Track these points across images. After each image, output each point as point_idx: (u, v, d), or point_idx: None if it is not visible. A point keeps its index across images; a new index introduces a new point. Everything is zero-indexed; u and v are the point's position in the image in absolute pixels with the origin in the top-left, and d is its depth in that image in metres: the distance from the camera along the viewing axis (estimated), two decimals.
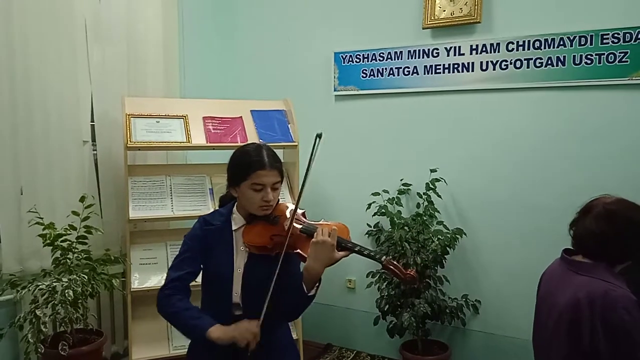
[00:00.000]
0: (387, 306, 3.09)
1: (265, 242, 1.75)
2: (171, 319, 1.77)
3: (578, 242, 1.75)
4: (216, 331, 1.64)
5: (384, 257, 1.65)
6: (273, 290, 1.67)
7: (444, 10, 3.13)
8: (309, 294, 1.66)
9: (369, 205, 3.25)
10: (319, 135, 1.72)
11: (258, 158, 1.74)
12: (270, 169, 1.73)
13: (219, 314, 1.75)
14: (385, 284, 3.13)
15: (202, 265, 1.80)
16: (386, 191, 3.26)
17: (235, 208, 1.83)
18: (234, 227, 1.80)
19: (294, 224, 1.74)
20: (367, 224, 3.33)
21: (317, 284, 1.68)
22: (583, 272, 1.70)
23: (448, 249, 3.04)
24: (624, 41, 2.70)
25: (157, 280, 2.89)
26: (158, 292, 1.77)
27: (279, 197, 1.82)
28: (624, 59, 2.71)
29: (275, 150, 1.82)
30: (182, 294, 1.75)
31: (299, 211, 1.81)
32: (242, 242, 1.78)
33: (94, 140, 3.12)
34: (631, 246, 1.68)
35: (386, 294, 3.10)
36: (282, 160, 1.87)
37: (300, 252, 1.72)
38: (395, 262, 1.64)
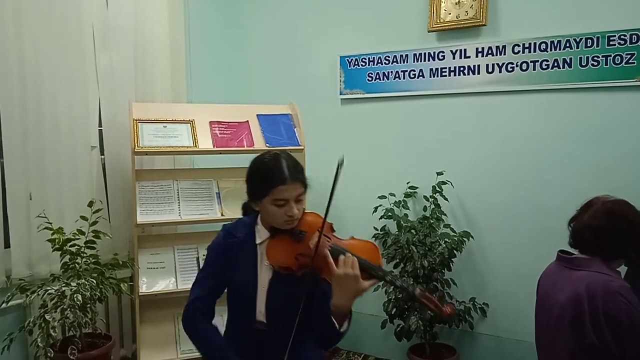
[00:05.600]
0: (395, 309, 3.09)
1: (290, 262, 1.62)
2: (197, 343, 1.73)
3: (575, 236, 1.81)
4: None
5: (418, 289, 1.52)
6: (301, 312, 1.55)
7: (450, 14, 3.13)
8: (341, 330, 1.54)
9: (376, 208, 3.25)
10: (341, 163, 1.56)
11: (278, 172, 1.61)
12: (292, 182, 1.61)
13: (243, 329, 1.70)
14: (392, 287, 3.12)
15: (226, 278, 1.73)
16: (392, 194, 3.26)
17: (259, 219, 1.73)
18: (257, 241, 1.71)
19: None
20: (374, 227, 3.33)
21: (349, 317, 1.57)
22: (580, 267, 1.75)
23: (455, 251, 3.03)
24: (631, 43, 2.69)
25: (164, 284, 2.91)
26: (184, 308, 1.74)
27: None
28: (630, 61, 2.70)
29: None
30: (207, 315, 1.72)
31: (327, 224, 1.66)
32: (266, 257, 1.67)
33: (101, 145, 3.14)
34: (626, 243, 1.74)
35: (393, 297, 3.10)
36: None
37: (328, 279, 1.57)
38: (429, 295, 1.51)
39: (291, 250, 1.63)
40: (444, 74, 3.20)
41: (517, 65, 2.98)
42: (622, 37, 2.71)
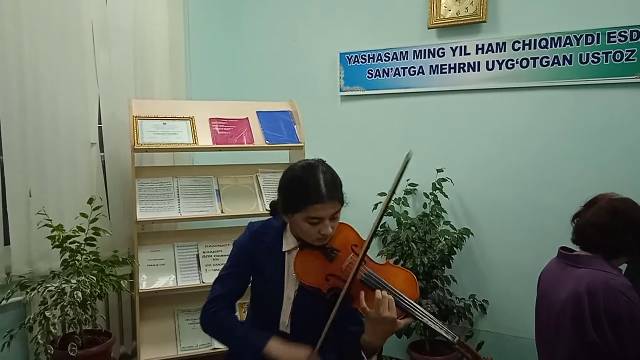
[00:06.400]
0: None
1: (319, 283, 1.52)
2: (221, 333, 1.64)
3: (578, 233, 1.80)
4: (275, 349, 1.50)
5: (457, 337, 1.45)
6: (329, 329, 1.47)
7: (450, 10, 3.13)
8: None
9: (375, 205, 3.24)
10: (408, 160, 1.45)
11: (315, 188, 1.49)
12: (330, 200, 1.50)
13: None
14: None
15: (250, 279, 1.65)
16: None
17: (288, 225, 1.63)
18: (285, 248, 1.61)
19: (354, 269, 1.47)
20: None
21: (378, 351, 1.53)
22: (582, 264, 1.74)
23: (455, 248, 3.04)
24: (631, 39, 2.69)
25: (164, 281, 2.91)
26: (204, 307, 1.64)
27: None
28: (631, 57, 2.70)
29: (281, 151, 1.70)
30: (227, 311, 1.63)
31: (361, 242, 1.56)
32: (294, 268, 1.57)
33: (101, 142, 3.14)
34: (629, 242, 1.73)
35: None
36: (289, 161, 1.77)
37: (359, 310, 1.47)
38: (468, 345, 1.46)
39: (322, 270, 1.54)
40: (444, 70, 3.20)
41: (517, 62, 2.98)
42: (622, 33, 2.71)
